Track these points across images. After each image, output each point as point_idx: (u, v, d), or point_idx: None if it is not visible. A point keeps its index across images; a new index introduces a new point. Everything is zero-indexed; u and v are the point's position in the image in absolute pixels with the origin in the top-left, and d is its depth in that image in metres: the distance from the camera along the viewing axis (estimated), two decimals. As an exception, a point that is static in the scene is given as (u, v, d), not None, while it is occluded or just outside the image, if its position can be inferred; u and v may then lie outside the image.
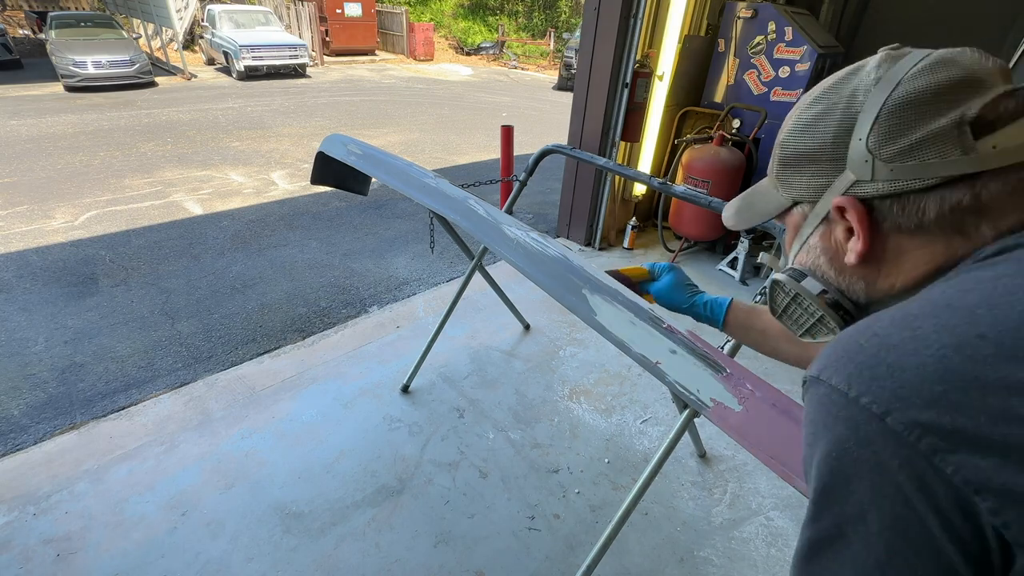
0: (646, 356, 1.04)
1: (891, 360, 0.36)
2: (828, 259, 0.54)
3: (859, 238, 0.48)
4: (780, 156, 0.54)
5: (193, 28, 13.03)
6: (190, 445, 2.00)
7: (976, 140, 0.41)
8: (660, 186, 1.66)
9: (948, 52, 0.44)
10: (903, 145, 0.43)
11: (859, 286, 0.52)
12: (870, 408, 0.36)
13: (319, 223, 4.22)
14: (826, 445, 0.39)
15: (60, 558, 1.58)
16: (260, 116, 7.79)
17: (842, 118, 0.47)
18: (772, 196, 0.57)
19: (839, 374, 0.39)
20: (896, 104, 0.44)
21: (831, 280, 0.54)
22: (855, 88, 0.47)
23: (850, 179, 0.47)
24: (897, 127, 0.44)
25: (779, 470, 0.81)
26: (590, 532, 1.75)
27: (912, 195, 0.44)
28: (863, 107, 0.46)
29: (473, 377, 2.43)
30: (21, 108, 7.49)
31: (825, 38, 3.34)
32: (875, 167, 0.45)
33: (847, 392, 0.38)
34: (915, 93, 0.43)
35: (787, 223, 0.58)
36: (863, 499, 0.36)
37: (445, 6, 18.51)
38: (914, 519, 0.34)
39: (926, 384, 0.34)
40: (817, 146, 0.49)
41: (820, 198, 0.51)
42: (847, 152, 0.47)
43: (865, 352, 0.38)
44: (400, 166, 1.82)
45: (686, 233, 3.55)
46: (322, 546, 1.66)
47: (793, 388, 2.37)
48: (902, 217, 0.45)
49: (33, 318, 2.84)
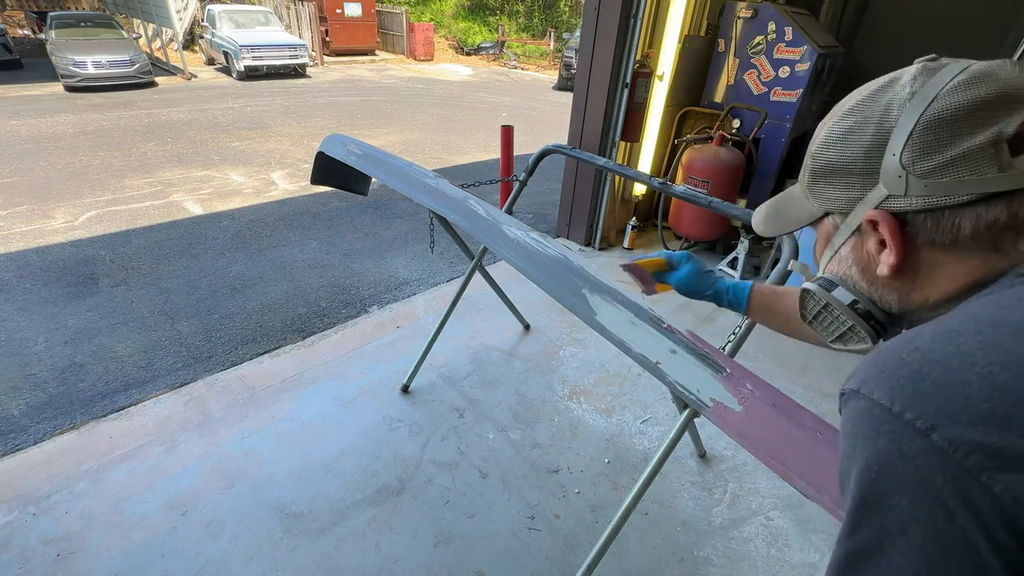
0: (646, 356, 1.04)
1: (935, 376, 0.36)
2: (860, 270, 0.53)
3: (892, 251, 0.48)
4: (812, 167, 0.54)
5: (193, 28, 13.02)
6: (190, 445, 2.00)
7: (1014, 157, 0.40)
8: (660, 186, 1.66)
9: (985, 65, 0.43)
10: (938, 162, 0.43)
11: (891, 297, 0.52)
12: (914, 424, 0.36)
13: (319, 223, 4.22)
14: (867, 458, 0.39)
15: (60, 558, 1.58)
16: (260, 116, 7.79)
17: (876, 132, 0.47)
18: (803, 204, 0.57)
19: (881, 388, 0.39)
20: (931, 120, 0.43)
21: (863, 290, 0.54)
22: (889, 102, 0.46)
23: (883, 193, 0.47)
24: (932, 144, 0.43)
25: (779, 470, 0.81)
26: (590, 532, 1.75)
27: (947, 211, 0.44)
28: (897, 122, 0.45)
29: (473, 377, 2.43)
30: (21, 108, 7.49)
31: (825, 38, 3.34)
32: (909, 182, 0.45)
33: (890, 407, 0.38)
34: (951, 109, 0.42)
35: (818, 232, 0.58)
36: (905, 513, 0.36)
37: (445, 6, 18.51)
38: (958, 535, 0.33)
39: (973, 401, 0.34)
40: (850, 159, 0.49)
41: (852, 210, 0.51)
42: (880, 166, 0.47)
43: (908, 367, 0.38)
44: (400, 166, 1.82)
45: (686, 233, 3.55)
46: (322, 546, 1.66)
47: (793, 388, 2.37)
48: (936, 232, 0.45)
49: (33, 318, 2.84)
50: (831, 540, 1.74)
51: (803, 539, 1.76)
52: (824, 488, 0.75)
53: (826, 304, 0.57)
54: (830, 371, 2.51)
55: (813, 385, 2.43)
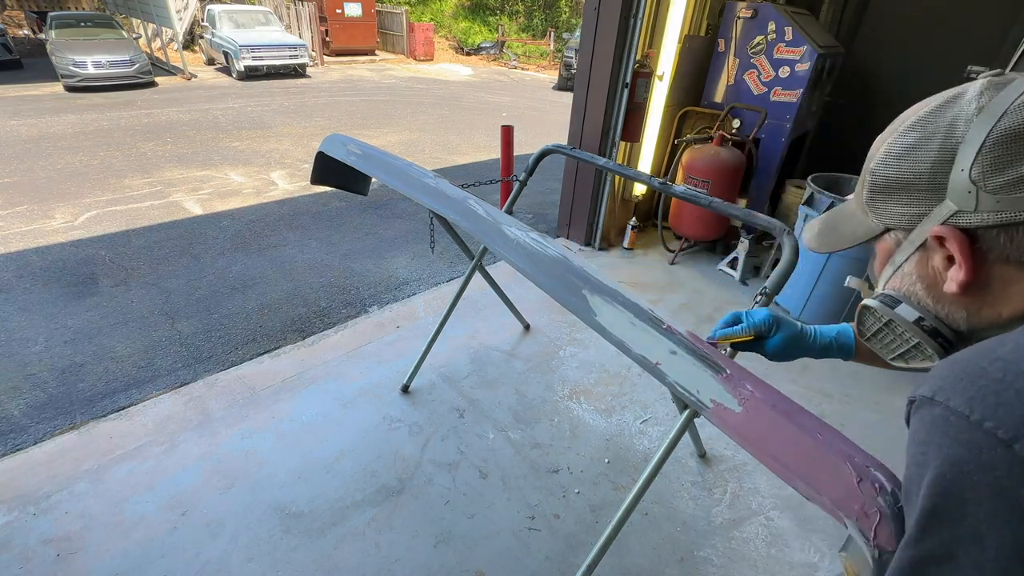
0: (646, 356, 1.04)
1: (1020, 386, 0.36)
2: (925, 286, 0.52)
3: (961, 268, 0.47)
4: (871, 183, 0.53)
5: (193, 28, 13.02)
6: (190, 445, 2.00)
7: None
8: (660, 186, 1.66)
9: None
10: (1011, 177, 0.43)
11: (960, 315, 0.51)
12: (995, 433, 0.35)
13: (319, 223, 4.22)
14: (940, 467, 0.38)
15: (60, 558, 1.58)
16: (260, 116, 7.79)
17: (941, 148, 0.46)
18: (860, 221, 0.56)
19: (959, 396, 0.39)
20: (1002, 135, 0.43)
21: (928, 307, 0.53)
22: (954, 118, 0.46)
23: (951, 208, 0.46)
24: (1004, 159, 0.43)
25: (779, 471, 0.81)
26: (590, 532, 1.75)
27: (1021, 226, 0.43)
28: (964, 137, 0.45)
29: (473, 377, 2.43)
30: (21, 108, 7.49)
31: (825, 38, 3.34)
32: (979, 198, 0.44)
33: (968, 415, 0.37)
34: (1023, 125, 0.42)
35: (877, 248, 0.57)
36: (980, 523, 0.36)
37: (445, 6, 18.50)
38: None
39: None
40: (913, 175, 0.49)
41: (916, 226, 0.50)
42: (947, 182, 0.46)
43: (989, 376, 0.38)
44: (400, 166, 1.82)
45: (686, 233, 3.55)
46: (322, 546, 1.66)
47: (793, 388, 2.37)
48: (1011, 248, 0.44)
49: (33, 318, 2.84)
50: (831, 540, 1.74)
51: (803, 539, 1.76)
52: (824, 489, 0.75)
53: (888, 321, 0.56)
54: (830, 371, 2.51)
55: (813, 385, 2.43)
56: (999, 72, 0.46)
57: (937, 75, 3.70)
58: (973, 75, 3.81)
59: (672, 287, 3.31)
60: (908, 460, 0.43)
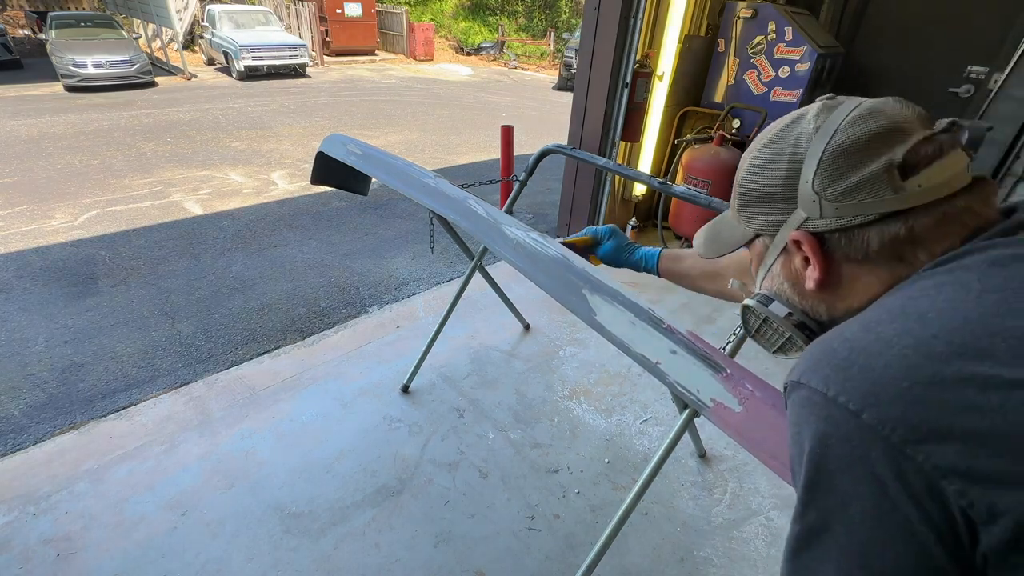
0: (646, 356, 1.04)
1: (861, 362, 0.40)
2: (791, 285, 0.58)
3: (815, 267, 0.53)
4: (739, 194, 0.59)
5: (193, 28, 13.02)
6: (190, 445, 2.00)
7: (904, 180, 0.46)
8: (660, 186, 1.66)
9: (874, 103, 0.49)
10: (843, 187, 0.48)
11: (821, 308, 0.57)
12: (847, 406, 0.39)
13: (319, 223, 4.22)
14: (810, 442, 0.42)
15: (60, 558, 1.58)
16: (260, 116, 7.79)
17: (790, 162, 0.52)
18: (736, 228, 0.63)
19: (816, 376, 0.43)
20: (834, 151, 0.48)
21: (795, 303, 0.59)
22: (798, 135, 0.52)
23: (802, 216, 0.52)
24: (837, 171, 0.48)
25: (779, 470, 0.81)
26: (590, 532, 1.75)
27: (856, 229, 0.49)
28: (807, 153, 0.50)
29: (473, 377, 2.43)
30: (21, 108, 7.49)
31: (825, 38, 3.34)
32: (822, 206, 0.50)
33: (825, 392, 0.41)
34: (850, 142, 0.48)
35: (751, 252, 0.63)
36: (846, 491, 0.39)
37: (445, 6, 18.50)
38: (891, 507, 0.36)
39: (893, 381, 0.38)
40: (771, 186, 0.54)
41: (778, 232, 0.56)
42: (797, 192, 0.52)
43: (838, 355, 0.43)
44: (400, 166, 1.82)
45: (686, 233, 3.55)
46: (322, 546, 1.66)
47: (793, 388, 2.37)
48: (850, 248, 0.50)
49: (33, 318, 2.84)
50: (831, 540, 1.74)
51: (803, 539, 1.76)
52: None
53: (765, 318, 0.61)
54: (830, 371, 2.51)
55: (813, 385, 2.43)
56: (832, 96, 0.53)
57: (937, 75, 3.71)
58: (973, 75, 3.78)
59: (672, 287, 3.28)
60: (788, 442, 0.46)
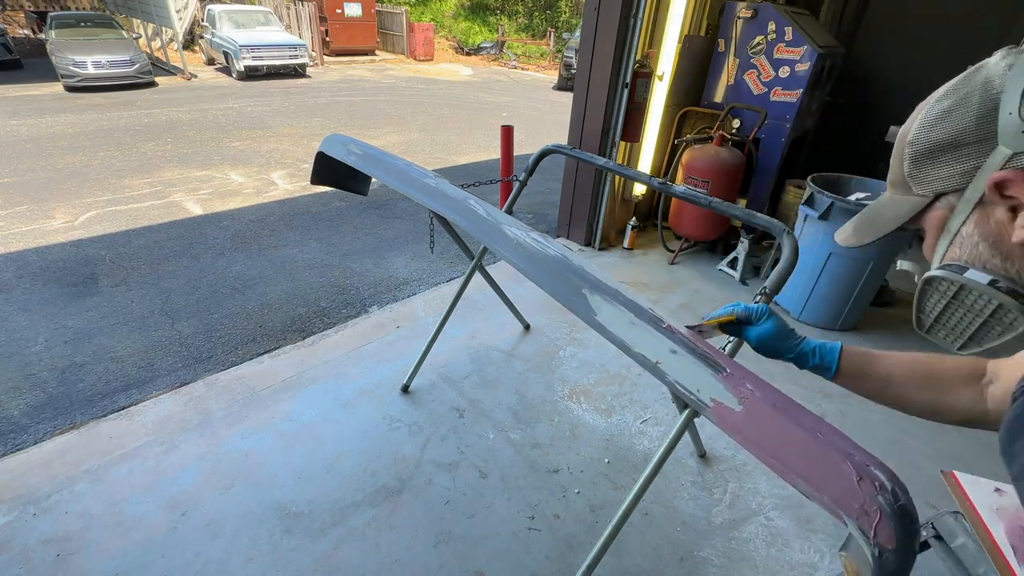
0: (646, 356, 1.03)
1: None
2: (990, 244, 0.50)
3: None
4: (912, 154, 0.52)
5: (193, 28, 13.02)
6: (190, 445, 2.00)
7: None
8: (660, 186, 1.66)
9: None
10: None
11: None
12: None
13: (319, 223, 4.22)
14: None
15: (60, 558, 1.58)
16: (260, 116, 7.79)
17: (981, 102, 0.47)
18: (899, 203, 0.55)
19: None
20: None
21: (997, 268, 0.50)
22: (986, 77, 0.47)
23: (1005, 153, 0.45)
24: None
25: (779, 470, 0.81)
26: (590, 532, 1.75)
27: None
28: (1004, 88, 0.45)
29: (473, 377, 2.43)
30: (21, 108, 7.49)
31: (825, 38, 3.34)
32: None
33: None
34: None
35: (926, 225, 0.55)
36: None
37: (445, 6, 18.50)
38: None
39: None
40: (957, 133, 0.48)
41: (970, 183, 0.49)
42: (996, 129, 0.46)
43: None
44: (400, 166, 1.82)
45: (686, 233, 3.55)
46: (322, 546, 1.66)
47: (793, 388, 2.37)
48: None
49: (33, 318, 2.84)
50: (831, 540, 1.74)
51: (803, 539, 1.76)
52: (824, 488, 0.75)
53: (957, 292, 0.52)
54: (830, 371, 2.51)
55: (813, 385, 2.43)
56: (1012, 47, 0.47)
57: (937, 75, 3.71)
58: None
59: (672, 287, 3.31)
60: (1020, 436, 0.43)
